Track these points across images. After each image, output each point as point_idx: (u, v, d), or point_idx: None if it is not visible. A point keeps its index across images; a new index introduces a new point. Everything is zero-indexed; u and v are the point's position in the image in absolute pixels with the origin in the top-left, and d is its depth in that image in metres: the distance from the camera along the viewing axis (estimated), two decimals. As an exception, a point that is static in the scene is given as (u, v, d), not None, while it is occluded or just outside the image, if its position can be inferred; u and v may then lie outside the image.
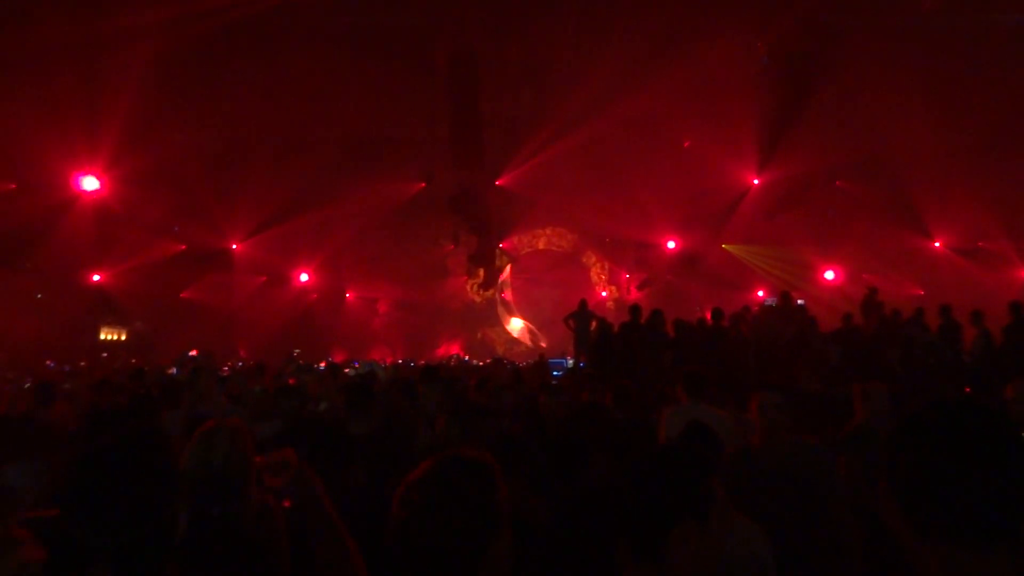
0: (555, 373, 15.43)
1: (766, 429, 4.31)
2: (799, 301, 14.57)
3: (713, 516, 2.08)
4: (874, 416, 5.29)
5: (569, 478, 5.00)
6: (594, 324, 12.85)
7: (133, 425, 1.98)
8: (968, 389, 8.30)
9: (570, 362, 16.19)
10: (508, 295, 35.59)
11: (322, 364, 18.34)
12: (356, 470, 3.88)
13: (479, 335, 34.68)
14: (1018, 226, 20.50)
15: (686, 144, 21.96)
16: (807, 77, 15.79)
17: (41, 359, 17.84)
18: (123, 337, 24.08)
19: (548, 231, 35.20)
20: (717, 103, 20.44)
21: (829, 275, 26.21)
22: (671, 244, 27.40)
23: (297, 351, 21.92)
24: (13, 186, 15.48)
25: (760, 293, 26.63)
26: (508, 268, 33.00)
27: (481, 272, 28.79)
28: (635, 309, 10.84)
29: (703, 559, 2.00)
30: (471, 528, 1.64)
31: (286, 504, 2.62)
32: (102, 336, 23.57)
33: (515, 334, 35.04)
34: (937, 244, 22.54)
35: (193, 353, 20.20)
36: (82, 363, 17.96)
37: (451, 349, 31.04)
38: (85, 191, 15.96)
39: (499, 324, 35.87)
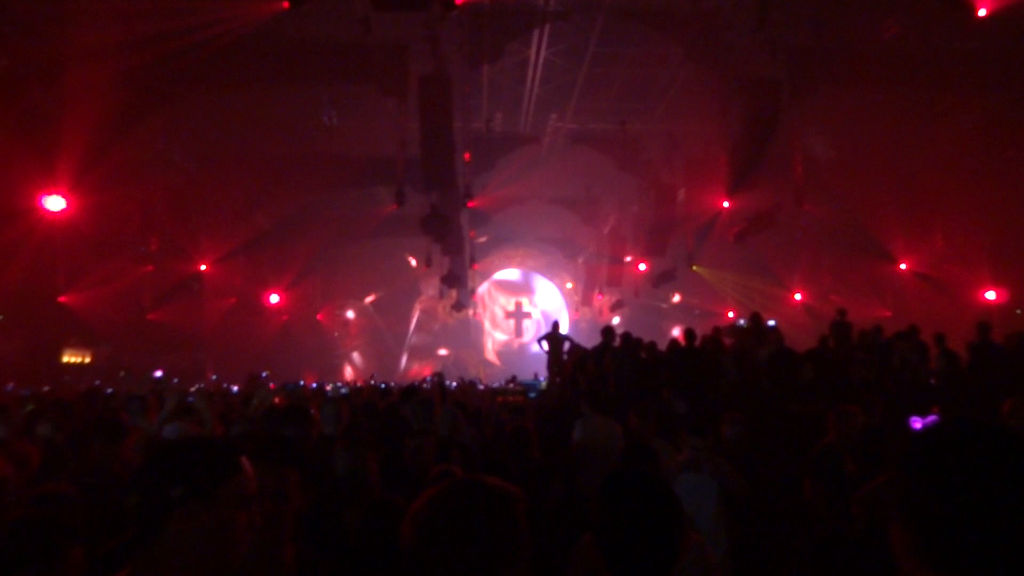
0: (531, 395, 15.50)
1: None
2: (770, 322, 14.69)
3: None
4: (844, 438, 5.33)
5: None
6: (567, 346, 12.88)
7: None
8: (936, 408, 8.39)
9: (543, 383, 16.19)
10: (480, 316, 35.53)
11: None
12: None
13: (451, 356, 34.46)
14: (984, 249, 20.90)
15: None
16: (775, 102, 16.02)
17: (2, 382, 17.38)
18: (87, 360, 23.57)
19: (521, 252, 35.31)
20: (688, 126, 20.75)
21: (798, 297, 26.56)
22: (642, 267, 27.60)
23: (266, 373, 21.61)
24: (-24, 205, 15.16)
25: (731, 314, 26.90)
26: (480, 289, 32.93)
27: (454, 293, 28.70)
28: (608, 331, 10.87)
29: None
30: (488, 559, 1.52)
31: None
32: (65, 359, 23.04)
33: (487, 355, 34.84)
34: (903, 267, 22.91)
35: (158, 374, 19.83)
36: (45, 387, 17.52)
37: (423, 370, 30.87)
38: (50, 211, 15.61)
39: (471, 345, 35.70)
